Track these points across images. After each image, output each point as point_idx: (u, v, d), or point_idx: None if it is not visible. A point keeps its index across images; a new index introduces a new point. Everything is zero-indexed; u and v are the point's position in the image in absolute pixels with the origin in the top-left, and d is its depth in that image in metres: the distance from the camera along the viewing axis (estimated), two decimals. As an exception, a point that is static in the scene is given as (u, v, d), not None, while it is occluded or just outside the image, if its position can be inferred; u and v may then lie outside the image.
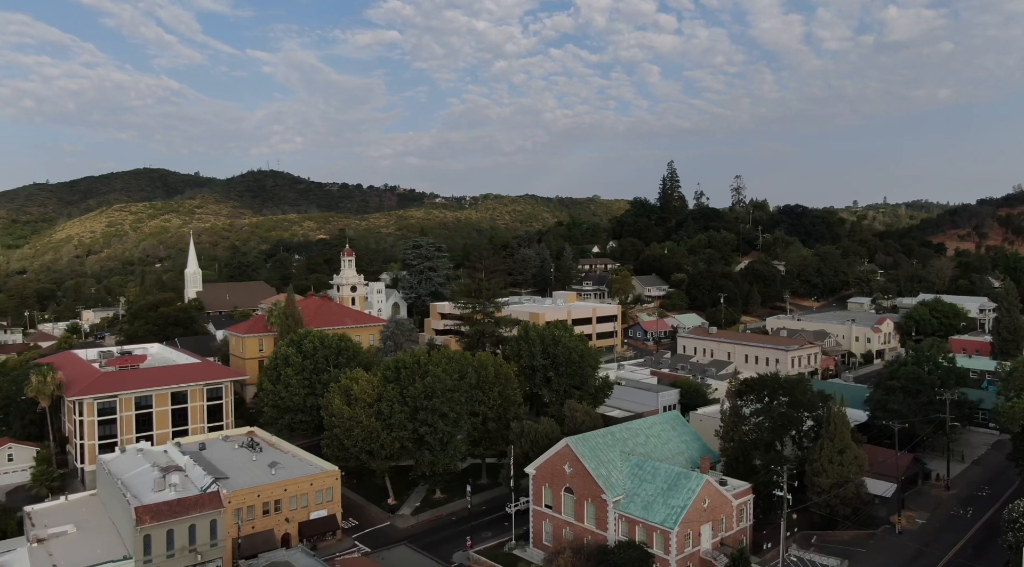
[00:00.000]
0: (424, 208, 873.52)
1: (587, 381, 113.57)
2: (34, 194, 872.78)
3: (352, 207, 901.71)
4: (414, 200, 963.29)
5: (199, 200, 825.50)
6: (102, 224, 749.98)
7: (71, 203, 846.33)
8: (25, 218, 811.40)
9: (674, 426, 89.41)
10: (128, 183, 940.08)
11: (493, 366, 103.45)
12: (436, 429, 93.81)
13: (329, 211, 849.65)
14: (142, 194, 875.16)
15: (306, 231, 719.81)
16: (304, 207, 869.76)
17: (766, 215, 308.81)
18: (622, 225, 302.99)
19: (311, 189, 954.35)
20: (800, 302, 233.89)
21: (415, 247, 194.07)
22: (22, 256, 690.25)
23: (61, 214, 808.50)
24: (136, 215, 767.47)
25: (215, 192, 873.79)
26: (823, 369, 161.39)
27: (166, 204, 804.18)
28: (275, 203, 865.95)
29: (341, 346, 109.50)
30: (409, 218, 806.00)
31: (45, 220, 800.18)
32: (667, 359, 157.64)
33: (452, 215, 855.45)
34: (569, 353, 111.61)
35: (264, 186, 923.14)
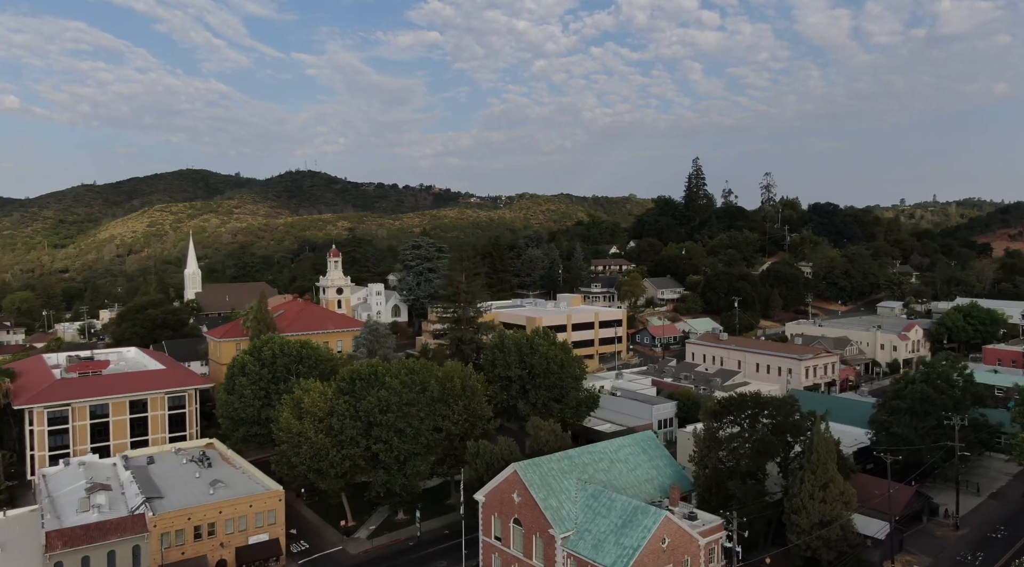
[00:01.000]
0: (458, 208, 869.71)
1: (568, 393, 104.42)
2: (81, 195, 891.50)
3: (387, 207, 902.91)
4: (449, 200, 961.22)
5: (237, 200, 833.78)
6: (143, 224, 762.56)
7: (116, 203, 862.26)
8: (72, 218, 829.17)
9: (645, 449, 79.81)
10: (171, 184, 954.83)
11: (460, 377, 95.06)
12: (391, 447, 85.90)
13: (364, 211, 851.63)
14: (184, 195, 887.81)
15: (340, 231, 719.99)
16: (340, 207, 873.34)
17: (796, 214, 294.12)
18: (643, 224, 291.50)
19: (347, 189, 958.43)
20: (826, 306, 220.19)
21: (414, 247, 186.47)
22: (66, 255, 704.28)
23: (106, 214, 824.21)
24: (176, 215, 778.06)
25: (253, 192, 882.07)
26: (841, 380, 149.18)
27: (205, 204, 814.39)
28: (312, 203, 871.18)
29: (302, 353, 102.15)
30: (442, 218, 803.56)
31: (91, 220, 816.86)
32: (670, 368, 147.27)
33: (485, 214, 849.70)
34: (547, 363, 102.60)
35: (301, 186, 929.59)
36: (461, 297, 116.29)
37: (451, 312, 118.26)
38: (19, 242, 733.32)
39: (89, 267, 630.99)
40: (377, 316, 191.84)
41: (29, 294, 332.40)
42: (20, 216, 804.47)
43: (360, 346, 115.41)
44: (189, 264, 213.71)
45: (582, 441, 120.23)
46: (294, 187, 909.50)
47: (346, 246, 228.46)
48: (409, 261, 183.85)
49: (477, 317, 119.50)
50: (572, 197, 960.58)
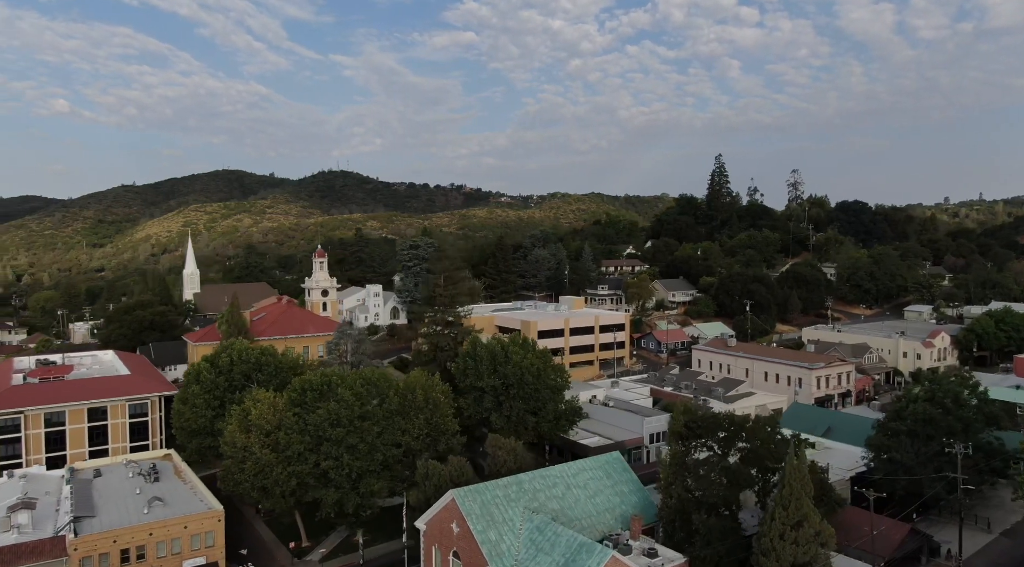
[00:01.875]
0: (487, 207, 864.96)
1: (545, 405, 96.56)
2: (121, 195, 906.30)
3: (418, 206, 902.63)
4: (480, 199, 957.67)
5: (270, 200, 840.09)
6: (178, 224, 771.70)
7: (154, 204, 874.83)
8: (111, 218, 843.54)
9: (609, 473, 71.61)
10: (207, 184, 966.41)
11: (422, 388, 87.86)
12: (342, 463, 79.16)
13: (395, 211, 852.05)
14: (219, 195, 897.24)
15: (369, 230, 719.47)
16: (371, 207, 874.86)
17: (824, 213, 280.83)
18: (661, 224, 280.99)
19: (378, 189, 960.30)
20: (850, 310, 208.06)
21: (412, 248, 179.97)
22: (103, 255, 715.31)
23: (144, 214, 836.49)
24: (210, 215, 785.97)
25: (286, 192, 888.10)
26: (857, 391, 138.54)
27: (239, 204, 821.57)
28: (343, 203, 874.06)
29: (261, 360, 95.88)
30: (472, 217, 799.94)
31: (129, 220, 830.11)
32: (672, 376, 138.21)
33: (515, 214, 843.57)
34: (521, 372, 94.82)
35: (333, 186, 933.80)
36: (438, 300, 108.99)
37: (429, 316, 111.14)
38: (59, 242, 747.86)
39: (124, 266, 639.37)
40: (375, 319, 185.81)
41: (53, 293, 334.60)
42: (62, 216, 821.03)
43: (331, 351, 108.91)
44: (188, 264, 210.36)
45: (567, 456, 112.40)
46: (326, 187, 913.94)
47: (352, 246, 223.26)
48: (407, 262, 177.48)
49: (458, 322, 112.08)
50: (603, 196, 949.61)
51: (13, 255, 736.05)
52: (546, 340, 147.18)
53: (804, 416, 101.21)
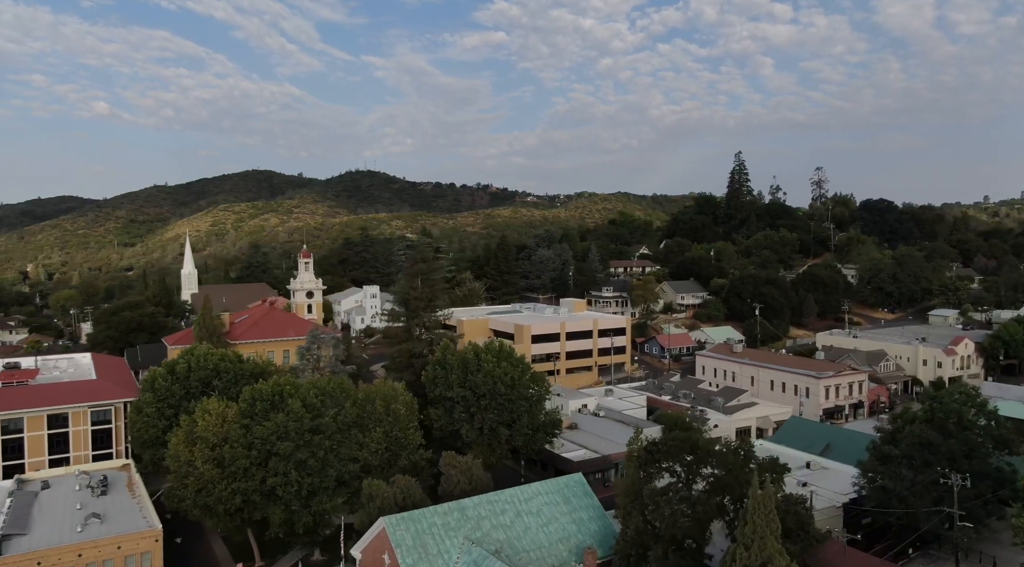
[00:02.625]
0: (512, 207, 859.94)
1: (520, 416, 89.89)
2: (153, 195, 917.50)
3: (444, 206, 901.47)
4: (506, 199, 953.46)
5: (297, 200, 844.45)
6: (207, 223, 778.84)
7: (184, 203, 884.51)
8: (142, 218, 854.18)
9: (567, 498, 64.84)
10: (237, 184, 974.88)
11: (382, 399, 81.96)
12: (290, 480, 73.52)
13: (421, 210, 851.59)
14: (249, 195, 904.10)
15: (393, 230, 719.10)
16: (397, 206, 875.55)
17: (848, 212, 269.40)
18: (677, 223, 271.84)
19: (405, 189, 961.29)
20: (871, 314, 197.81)
21: (409, 247, 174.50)
22: (132, 254, 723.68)
23: (174, 214, 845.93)
24: (238, 215, 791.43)
25: (314, 192, 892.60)
26: (870, 401, 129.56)
27: (267, 204, 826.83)
28: (370, 203, 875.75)
29: (220, 366, 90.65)
30: (496, 217, 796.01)
31: (160, 220, 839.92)
32: (671, 384, 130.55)
33: (540, 213, 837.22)
34: (494, 382, 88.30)
35: (360, 186, 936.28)
36: (414, 303, 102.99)
37: (401, 321, 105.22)
38: (92, 241, 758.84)
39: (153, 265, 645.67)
40: (372, 320, 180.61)
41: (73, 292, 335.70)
42: (94, 216, 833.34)
43: (303, 356, 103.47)
44: (186, 264, 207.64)
45: (550, 471, 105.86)
46: (353, 187, 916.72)
47: (357, 246, 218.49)
48: (403, 263, 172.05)
49: (435, 328, 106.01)
50: (630, 196, 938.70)
51: (47, 254, 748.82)
52: (540, 345, 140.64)
53: (802, 431, 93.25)
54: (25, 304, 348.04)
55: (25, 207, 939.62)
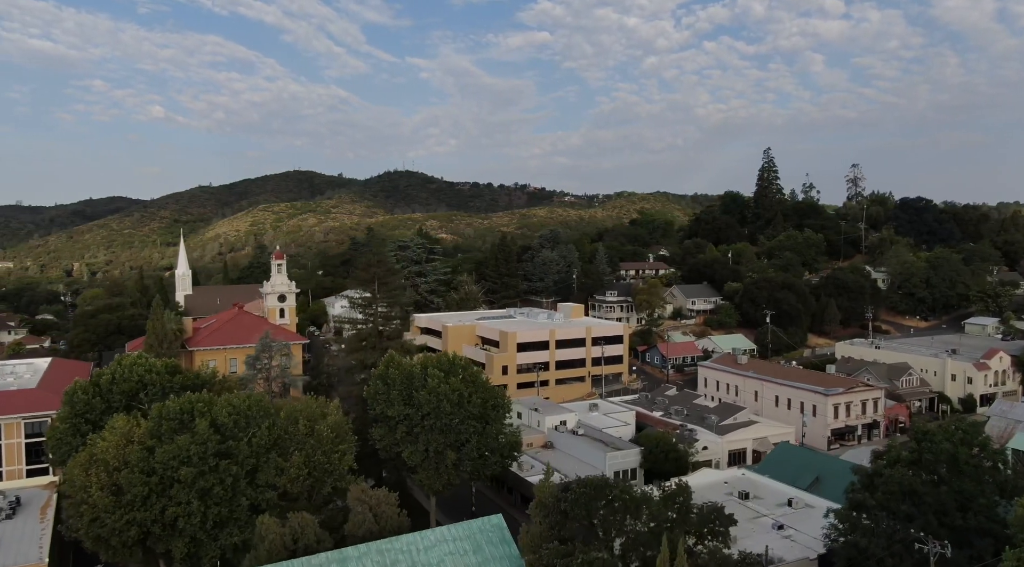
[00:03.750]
0: (548, 207, 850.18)
1: (469, 438, 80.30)
2: (197, 196, 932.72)
3: (481, 206, 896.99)
4: (544, 198, 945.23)
5: (336, 200, 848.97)
6: (247, 223, 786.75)
7: (227, 204, 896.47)
8: (186, 218, 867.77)
9: (479, 546, 54.96)
10: (279, 184, 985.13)
11: (306, 419, 73.30)
12: (192, 510, 65.39)
13: (458, 210, 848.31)
14: (289, 195, 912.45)
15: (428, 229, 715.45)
16: (434, 206, 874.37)
17: (885, 211, 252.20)
18: (700, 223, 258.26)
19: (442, 189, 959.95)
20: (902, 321, 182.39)
21: (401, 248, 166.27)
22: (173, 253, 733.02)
23: (217, 214, 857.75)
24: (277, 215, 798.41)
25: (352, 192, 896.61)
26: (887, 421, 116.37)
27: (305, 204, 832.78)
28: (407, 203, 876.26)
29: (145, 378, 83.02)
30: (531, 216, 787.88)
31: (202, 220, 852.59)
32: (664, 398, 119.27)
33: (576, 213, 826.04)
34: (438, 400, 78.83)
35: (398, 186, 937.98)
36: (367, 310, 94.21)
37: (358, 327, 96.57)
38: (136, 240, 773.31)
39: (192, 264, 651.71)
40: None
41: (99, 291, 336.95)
42: (140, 216, 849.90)
43: (250, 366, 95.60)
44: (180, 265, 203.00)
45: (516, 498, 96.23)
46: (391, 187, 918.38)
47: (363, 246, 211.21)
48: (394, 264, 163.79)
49: (395, 336, 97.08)
50: (669, 195, 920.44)
51: (93, 253, 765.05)
52: (527, 354, 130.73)
53: (790, 460, 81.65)
54: (54, 303, 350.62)
55: (77, 207, 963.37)
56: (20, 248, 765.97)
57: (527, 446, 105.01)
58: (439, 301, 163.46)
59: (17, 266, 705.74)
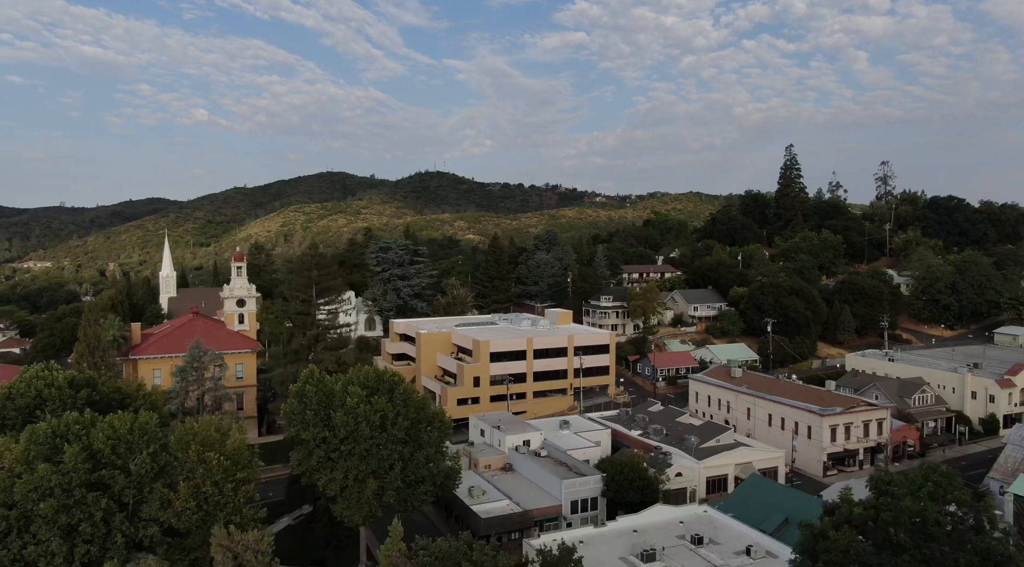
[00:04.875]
0: (577, 207, 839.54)
1: (393, 465, 71.06)
2: (231, 197, 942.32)
3: (512, 207, 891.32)
4: (575, 199, 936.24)
5: (366, 201, 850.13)
6: (277, 224, 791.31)
7: (260, 205, 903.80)
8: (219, 219, 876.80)
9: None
10: (311, 185, 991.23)
11: (200, 444, 64.84)
12: (53, 550, 57.68)
13: (487, 211, 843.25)
14: (322, 196, 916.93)
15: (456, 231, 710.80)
16: (464, 207, 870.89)
17: (915, 211, 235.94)
18: (715, 224, 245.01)
19: (473, 189, 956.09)
20: (926, 330, 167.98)
21: (382, 250, 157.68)
22: (204, 253, 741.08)
23: (250, 215, 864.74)
24: (308, 215, 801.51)
25: (383, 193, 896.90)
26: (895, 444, 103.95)
27: (336, 205, 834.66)
28: (437, 203, 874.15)
29: (45, 393, 75.55)
30: (560, 217, 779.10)
31: (235, 221, 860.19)
32: (644, 416, 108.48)
33: (606, 214, 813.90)
34: (356, 423, 69.71)
35: (428, 187, 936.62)
36: (297, 318, 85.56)
37: (288, 334, 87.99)
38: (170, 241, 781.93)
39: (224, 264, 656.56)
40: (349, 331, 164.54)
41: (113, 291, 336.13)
42: (175, 216, 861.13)
43: (179, 380, 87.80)
44: (164, 266, 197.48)
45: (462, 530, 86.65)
46: (421, 188, 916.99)
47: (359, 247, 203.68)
48: (374, 266, 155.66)
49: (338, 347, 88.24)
50: (702, 195, 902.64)
51: (128, 253, 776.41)
52: (502, 364, 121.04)
53: (760, 496, 70.72)
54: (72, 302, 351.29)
55: (116, 208, 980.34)
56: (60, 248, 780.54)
57: (485, 468, 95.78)
58: (424, 306, 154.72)
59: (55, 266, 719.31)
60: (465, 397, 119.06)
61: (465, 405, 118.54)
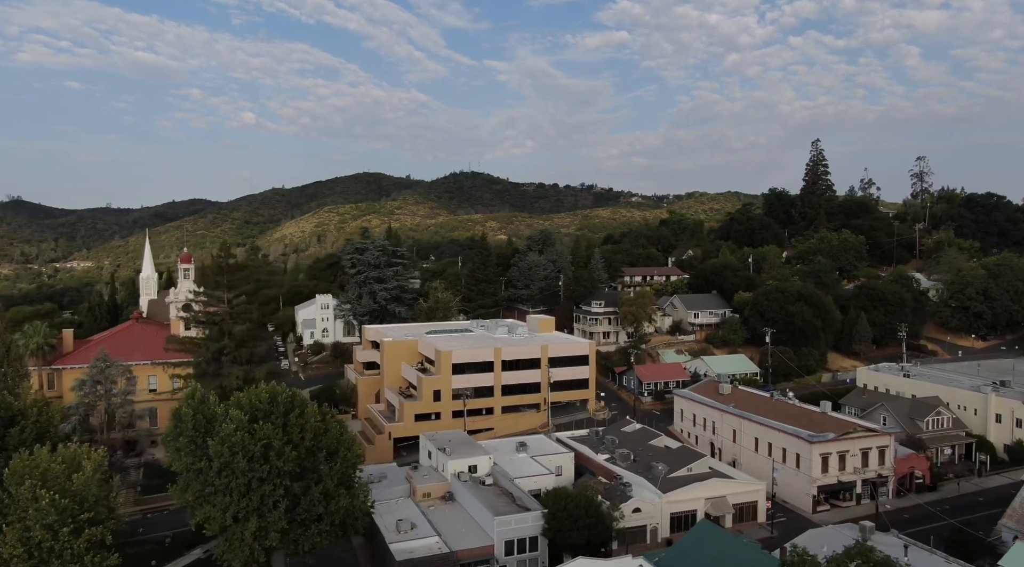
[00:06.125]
0: (612, 207, 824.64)
1: (277, 504, 60.75)
2: (269, 197, 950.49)
3: (546, 207, 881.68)
4: (611, 199, 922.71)
5: (400, 201, 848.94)
6: (312, 224, 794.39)
7: (297, 205, 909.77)
8: (257, 219, 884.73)
9: None
10: (348, 186, 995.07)
11: (35, 480, 55.55)
12: None
13: (521, 212, 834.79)
14: (357, 196, 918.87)
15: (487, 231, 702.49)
16: (497, 207, 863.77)
17: (953, 210, 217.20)
18: (733, 223, 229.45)
19: (507, 190, 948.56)
20: (956, 341, 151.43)
21: (358, 251, 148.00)
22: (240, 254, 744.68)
23: (286, 216, 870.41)
24: (342, 216, 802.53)
25: (417, 194, 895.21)
26: (900, 475, 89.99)
27: (369, 205, 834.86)
28: (471, 204, 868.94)
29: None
30: (594, 217, 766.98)
31: (272, 221, 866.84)
32: (614, 437, 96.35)
33: (641, 214, 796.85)
34: (232, 453, 59.61)
35: (462, 187, 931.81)
36: (211, 327, 75.96)
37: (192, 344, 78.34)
38: (208, 241, 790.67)
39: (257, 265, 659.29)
40: (323, 336, 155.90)
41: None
42: (213, 217, 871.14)
43: (82, 395, 79.03)
44: (144, 268, 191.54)
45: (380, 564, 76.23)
46: (455, 188, 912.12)
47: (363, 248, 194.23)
48: (348, 268, 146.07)
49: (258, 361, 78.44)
50: (741, 195, 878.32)
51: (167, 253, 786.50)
52: (466, 376, 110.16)
53: (708, 549, 58.41)
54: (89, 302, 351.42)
55: (159, 209, 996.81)
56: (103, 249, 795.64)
57: (423, 496, 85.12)
58: (403, 310, 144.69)
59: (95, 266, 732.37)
60: (425, 412, 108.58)
61: (426, 421, 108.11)
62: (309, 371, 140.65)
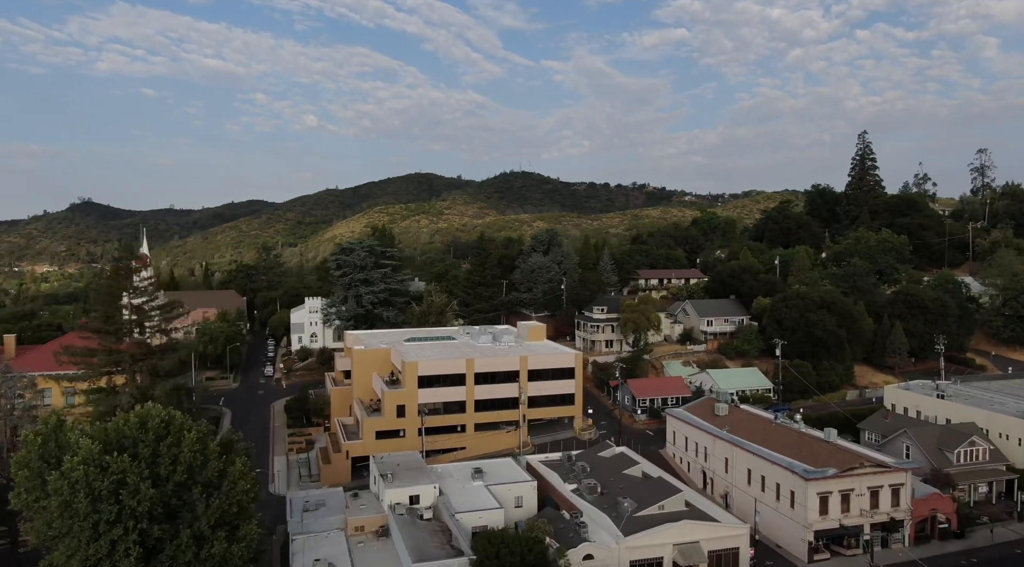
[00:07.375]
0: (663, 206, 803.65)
1: (129, 551, 51.44)
2: (322, 198, 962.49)
3: (596, 207, 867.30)
4: (663, 198, 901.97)
5: (449, 201, 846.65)
6: (361, 224, 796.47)
7: (349, 206, 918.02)
8: (309, 220, 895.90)
9: None
10: (399, 187, 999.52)
11: None
12: None
13: (571, 211, 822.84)
14: (408, 196, 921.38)
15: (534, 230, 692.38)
16: (547, 207, 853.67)
17: (1013, 206, 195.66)
18: (767, 222, 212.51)
19: (557, 189, 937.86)
20: (1008, 353, 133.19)
21: (344, 252, 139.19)
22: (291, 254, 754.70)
23: (339, 216, 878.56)
24: (391, 216, 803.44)
25: (467, 194, 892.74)
26: (919, 519, 75.49)
27: (419, 205, 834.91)
28: (520, 203, 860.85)
29: None
30: (643, 217, 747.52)
31: (324, 221, 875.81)
32: (585, 465, 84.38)
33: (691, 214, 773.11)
34: (73, 491, 50.56)
35: (512, 187, 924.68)
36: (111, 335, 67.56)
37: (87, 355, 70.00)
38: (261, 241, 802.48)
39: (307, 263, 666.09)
40: (311, 342, 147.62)
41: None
42: (267, 217, 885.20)
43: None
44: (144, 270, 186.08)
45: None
46: (505, 188, 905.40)
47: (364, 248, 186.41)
48: (334, 271, 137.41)
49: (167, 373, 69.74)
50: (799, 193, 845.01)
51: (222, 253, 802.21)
52: (435, 390, 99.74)
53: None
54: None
55: (218, 210, 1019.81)
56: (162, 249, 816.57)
57: (355, 530, 75.02)
58: (392, 314, 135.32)
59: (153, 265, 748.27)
60: (388, 429, 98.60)
61: (391, 438, 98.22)
62: (292, 378, 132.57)
